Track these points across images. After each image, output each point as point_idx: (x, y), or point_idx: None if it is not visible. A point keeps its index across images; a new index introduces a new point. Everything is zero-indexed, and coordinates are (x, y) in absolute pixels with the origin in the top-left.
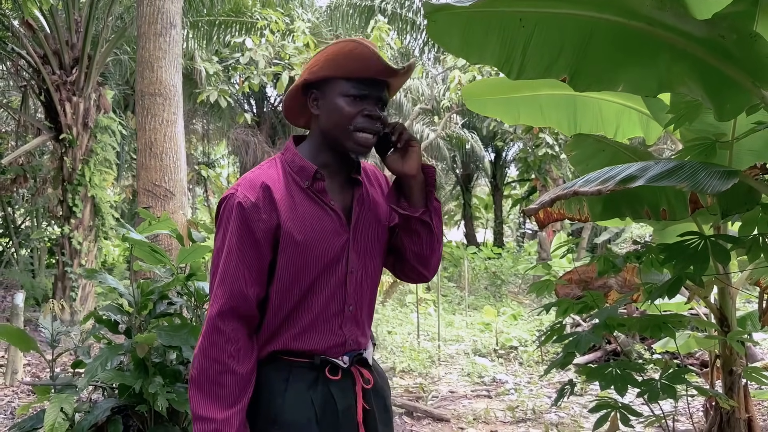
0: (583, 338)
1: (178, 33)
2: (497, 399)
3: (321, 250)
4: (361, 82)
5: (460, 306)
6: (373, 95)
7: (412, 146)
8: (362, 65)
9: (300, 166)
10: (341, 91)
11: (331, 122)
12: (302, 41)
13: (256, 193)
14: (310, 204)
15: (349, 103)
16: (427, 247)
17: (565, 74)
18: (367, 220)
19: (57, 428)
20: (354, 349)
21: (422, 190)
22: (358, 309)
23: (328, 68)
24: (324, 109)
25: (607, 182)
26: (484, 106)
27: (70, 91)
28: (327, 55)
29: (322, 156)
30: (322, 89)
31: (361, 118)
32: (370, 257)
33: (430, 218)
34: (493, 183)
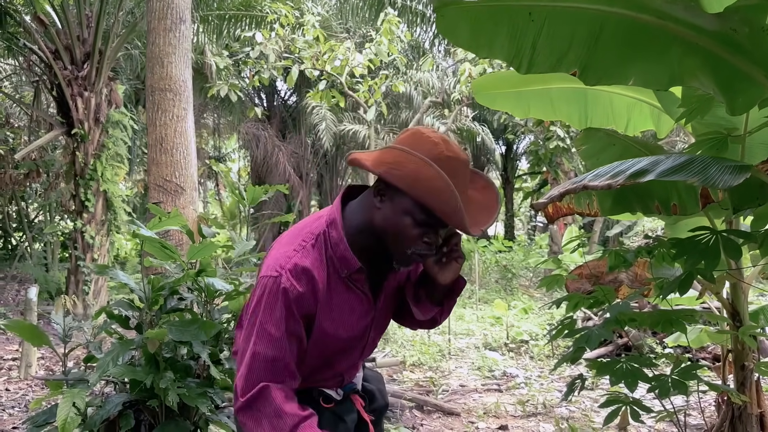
0: (594, 333)
1: (187, 28)
2: (508, 393)
3: (346, 336)
4: (435, 217)
5: (470, 300)
6: (441, 227)
7: (457, 261)
8: (441, 210)
9: (342, 256)
10: (412, 213)
11: (388, 231)
12: (312, 35)
13: (302, 282)
14: (344, 291)
15: (413, 225)
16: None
17: (575, 68)
18: (390, 294)
19: (69, 423)
20: (348, 383)
21: (445, 294)
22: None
23: (410, 188)
24: (387, 211)
25: (617, 177)
26: (494, 99)
27: (82, 86)
28: (416, 176)
29: (367, 244)
30: (392, 193)
31: (420, 243)
32: (386, 324)
33: (439, 315)
34: (503, 176)
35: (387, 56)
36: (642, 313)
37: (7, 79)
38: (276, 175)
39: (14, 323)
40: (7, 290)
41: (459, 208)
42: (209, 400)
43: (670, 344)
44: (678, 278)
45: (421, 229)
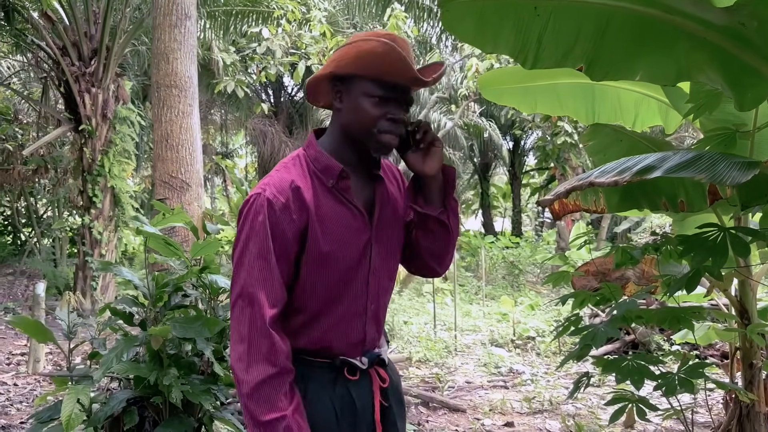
0: (600, 331)
1: (193, 24)
2: (514, 390)
3: (346, 254)
4: (388, 85)
5: (477, 296)
6: (399, 98)
7: (435, 146)
8: (392, 70)
9: (325, 165)
10: (366, 92)
11: (353, 121)
12: (319, 30)
13: (286, 193)
14: (334, 203)
15: (374, 104)
16: (443, 245)
17: (582, 63)
18: (387, 218)
19: (74, 419)
20: (371, 348)
21: (441, 190)
22: (379, 307)
23: (356, 66)
24: (347, 105)
25: (623, 173)
26: (501, 95)
27: (89, 83)
28: (357, 52)
29: (344, 152)
30: (347, 84)
31: (385, 122)
32: (390, 256)
33: (447, 218)
34: (511, 172)
35: None
36: (649, 310)
37: (15, 76)
38: None
39: (19, 319)
40: (16, 285)
41: (402, 57)
42: (213, 396)
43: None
44: (685, 276)
45: (381, 105)
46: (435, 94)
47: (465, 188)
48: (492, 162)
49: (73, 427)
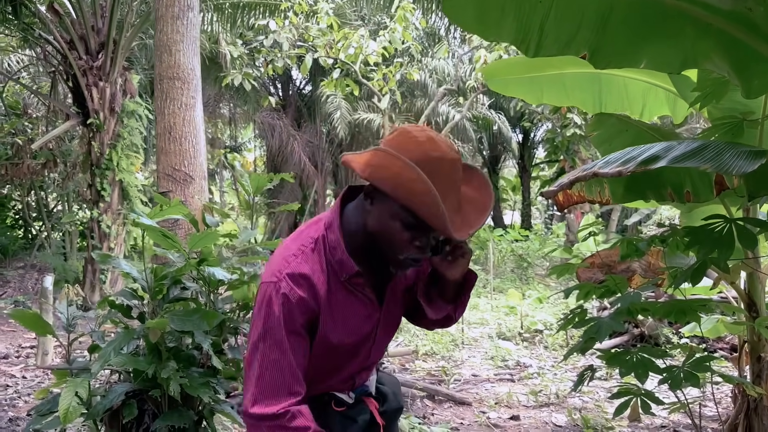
0: (604, 324)
1: (195, 16)
2: (520, 383)
3: (352, 342)
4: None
5: (485, 289)
6: (430, 230)
7: (463, 257)
8: (424, 213)
9: (340, 260)
10: (397, 215)
11: (380, 235)
12: (326, 22)
13: (301, 287)
14: (346, 296)
15: (402, 229)
16: (441, 324)
17: (585, 51)
18: (397, 294)
19: (71, 412)
20: (360, 386)
21: (457, 291)
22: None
23: (390, 189)
24: (376, 215)
25: (627, 163)
26: (506, 85)
27: (97, 76)
28: (396, 177)
29: (365, 248)
30: (380, 197)
31: (412, 248)
32: (393, 326)
33: (454, 312)
34: (520, 164)
35: (401, 44)
36: (654, 303)
37: (24, 70)
38: (291, 164)
39: (19, 313)
40: (27, 279)
41: (441, 212)
42: (212, 390)
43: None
44: (691, 268)
45: (410, 232)
46: (443, 87)
47: None
48: (501, 155)
49: (71, 420)
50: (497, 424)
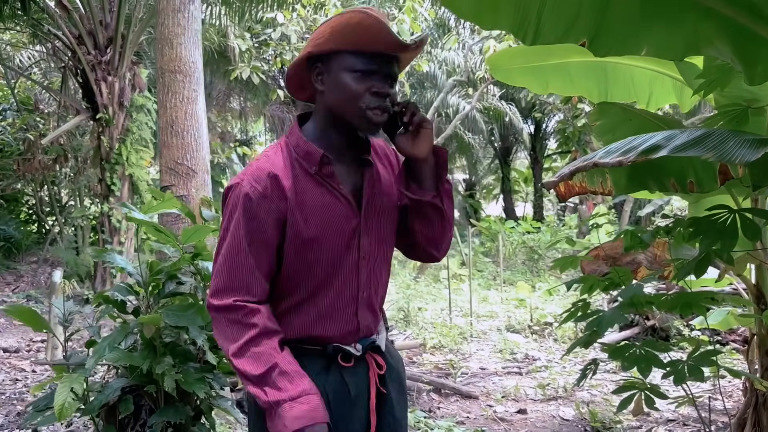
0: (606, 318)
1: (197, 8)
2: (528, 376)
3: (331, 241)
4: (369, 56)
5: (495, 281)
6: (383, 71)
7: (424, 128)
8: (371, 38)
9: (305, 151)
10: (348, 66)
11: (336, 99)
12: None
13: (263, 182)
14: (318, 190)
15: (357, 79)
16: (438, 229)
17: (584, 39)
18: (379, 203)
19: (67, 408)
20: (367, 335)
21: (433, 173)
22: (372, 294)
23: (334, 41)
24: (329, 85)
25: (628, 153)
26: (511, 75)
27: (106, 71)
28: (333, 27)
29: (329, 136)
30: (327, 63)
31: (369, 96)
32: (383, 241)
33: (441, 202)
34: (532, 155)
35: (409, 35)
36: (659, 296)
37: (36, 66)
38: None
39: (14, 308)
40: (39, 273)
41: (379, 22)
42: (207, 385)
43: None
44: (694, 260)
45: (364, 79)
46: (452, 78)
47: (485, 173)
48: (513, 146)
49: (66, 415)
50: (504, 417)
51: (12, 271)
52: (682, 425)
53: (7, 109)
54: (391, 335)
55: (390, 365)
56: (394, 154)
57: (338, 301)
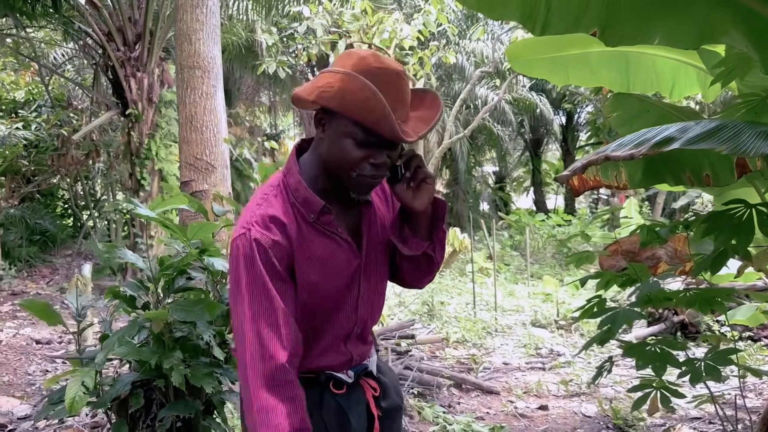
0: (621, 315)
1: (215, 4)
2: (552, 372)
3: (334, 286)
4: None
5: (522, 275)
6: (384, 144)
7: (426, 183)
8: (373, 122)
9: (304, 197)
10: (348, 132)
11: (333, 158)
12: (360, 7)
13: (272, 231)
14: (319, 237)
15: (355, 146)
16: (425, 272)
17: (595, 28)
18: (376, 242)
19: (78, 401)
20: (359, 363)
21: (429, 223)
22: (365, 328)
23: (339, 105)
24: (328, 138)
25: (641, 146)
26: (531, 66)
27: (134, 67)
28: (342, 90)
29: (325, 182)
30: (329, 117)
31: (366, 165)
32: (379, 278)
33: (433, 251)
34: (564, 147)
35: (435, 26)
36: (677, 292)
37: (69, 62)
38: None
39: (28, 302)
40: (73, 266)
41: (387, 114)
42: (216, 380)
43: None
44: (711, 255)
45: (363, 149)
46: (479, 69)
47: (516, 165)
48: (544, 138)
49: (77, 409)
50: (524, 414)
51: (48, 264)
52: (707, 423)
53: (42, 106)
54: (413, 329)
55: (384, 385)
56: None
57: (334, 340)
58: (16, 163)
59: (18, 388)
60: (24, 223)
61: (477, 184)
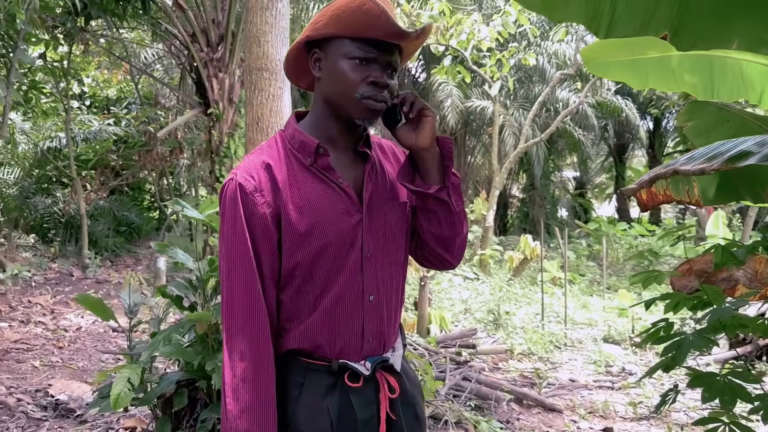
0: (687, 342)
1: (285, 6)
2: (621, 392)
3: (330, 236)
4: (368, 43)
5: (599, 287)
6: (382, 60)
7: (425, 116)
8: (371, 24)
9: (300, 141)
10: (345, 53)
11: (333, 88)
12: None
13: (257, 174)
14: (315, 183)
15: (354, 67)
16: (447, 227)
17: (665, 31)
18: (383, 198)
19: (122, 398)
20: (378, 353)
21: (438, 165)
22: (381, 299)
23: (333, 25)
24: (326, 72)
25: (713, 160)
26: (607, 69)
27: (217, 68)
28: (333, 10)
29: (326, 127)
30: (324, 49)
31: (366, 86)
32: (390, 239)
33: (447, 195)
34: (650, 154)
35: (515, 28)
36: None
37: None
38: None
39: (83, 297)
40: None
41: (383, 11)
42: None
43: None
44: None
45: (361, 68)
46: (559, 72)
47: (598, 171)
48: (629, 143)
49: (122, 405)
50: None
51: (132, 254)
52: None
53: (132, 103)
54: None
55: (404, 389)
56: (403, 154)
57: (342, 306)
58: (106, 157)
59: (91, 375)
60: (112, 214)
61: (556, 189)
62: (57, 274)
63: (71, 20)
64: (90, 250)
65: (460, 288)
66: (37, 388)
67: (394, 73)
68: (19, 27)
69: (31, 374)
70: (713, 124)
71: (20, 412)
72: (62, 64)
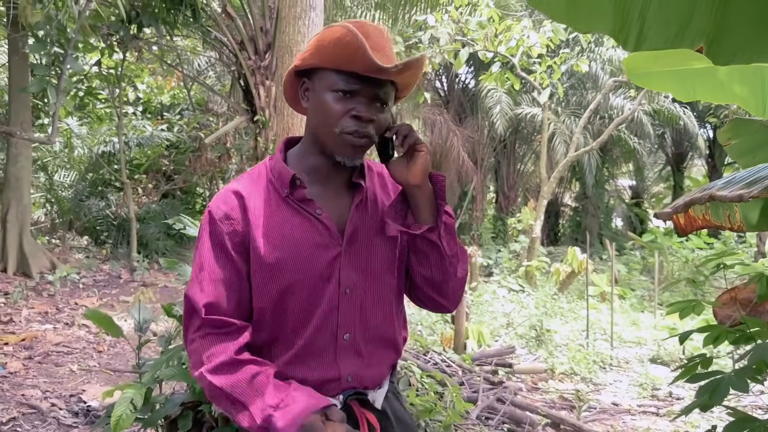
0: (724, 382)
1: (318, 15)
2: (666, 419)
3: (302, 270)
4: (351, 75)
5: (651, 303)
6: (367, 93)
7: (418, 151)
8: (348, 57)
9: (279, 171)
10: (329, 85)
11: (317, 119)
12: (486, 15)
13: (229, 202)
14: (291, 215)
15: (337, 99)
16: (438, 270)
17: (701, 43)
18: (371, 232)
19: (124, 420)
20: (356, 387)
21: (431, 203)
22: (357, 338)
23: (317, 56)
24: (312, 102)
25: (752, 186)
26: (650, 79)
27: (264, 76)
28: (317, 40)
29: (311, 158)
30: (312, 79)
31: (349, 119)
32: (375, 276)
33: (438, 237)
34: (710, 163)
35: (565, 34)
36: None
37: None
38: (450, 160)
39: (92, 312)
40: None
41: (361, 44)
42: None
43: None
44: None
45: (345, 99)
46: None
47: (655, 180)
48: (687, 152)
49: (123, 428)
50: None
51: (180, 257)
52: None
53: (184, 109)
54: (516, 356)
55: (388, 430)
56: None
57: (315, 342)
58: (158, 162)
59: (126, 379)
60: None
61: (610, 198)
62: (106, 276)
63: (124, 28)
64: (139, 253)
65: (503, 300)
66: (72, 393)
67: (384, 106)
68: (69, 36)
69: (68, 378)
70: (759, 143)
71: (52, 417)
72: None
